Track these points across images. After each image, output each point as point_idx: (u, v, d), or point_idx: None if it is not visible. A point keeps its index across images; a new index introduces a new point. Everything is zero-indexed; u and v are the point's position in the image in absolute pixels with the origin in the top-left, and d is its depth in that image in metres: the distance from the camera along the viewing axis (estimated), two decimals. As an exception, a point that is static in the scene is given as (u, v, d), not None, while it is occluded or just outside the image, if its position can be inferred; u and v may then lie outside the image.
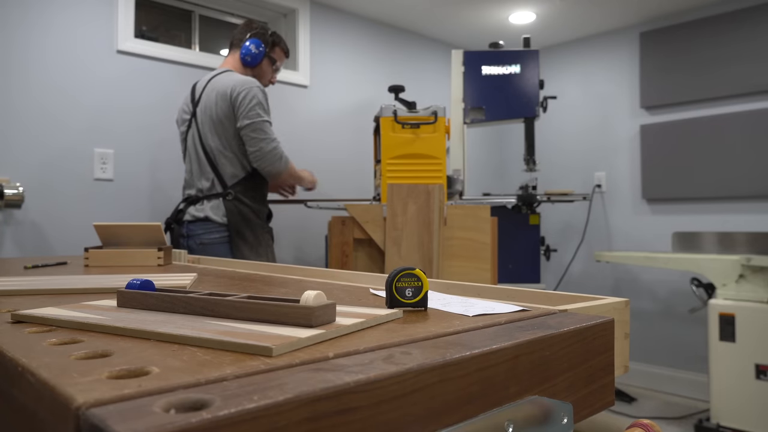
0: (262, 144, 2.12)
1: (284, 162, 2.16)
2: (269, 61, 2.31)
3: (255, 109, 2.10)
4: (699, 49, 3.29)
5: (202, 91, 2.20)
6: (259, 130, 2.11)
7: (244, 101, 2.10)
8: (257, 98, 2.11)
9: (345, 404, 0.31)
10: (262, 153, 2.12)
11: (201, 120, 2.16)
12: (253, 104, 2.10)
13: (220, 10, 3.06)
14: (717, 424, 2.48)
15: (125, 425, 0.24)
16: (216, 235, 2.13)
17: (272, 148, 2.13)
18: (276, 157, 2.14)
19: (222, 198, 2.14)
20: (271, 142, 2.13)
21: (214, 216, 2.12)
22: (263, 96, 2.14)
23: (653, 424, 0.50)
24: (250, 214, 2.16)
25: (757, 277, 2.44)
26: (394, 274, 0.56)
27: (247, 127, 2.10)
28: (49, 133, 2.30)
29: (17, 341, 0.42)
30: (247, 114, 2.10)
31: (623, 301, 0.64)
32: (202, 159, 2.17)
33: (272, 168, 2.15)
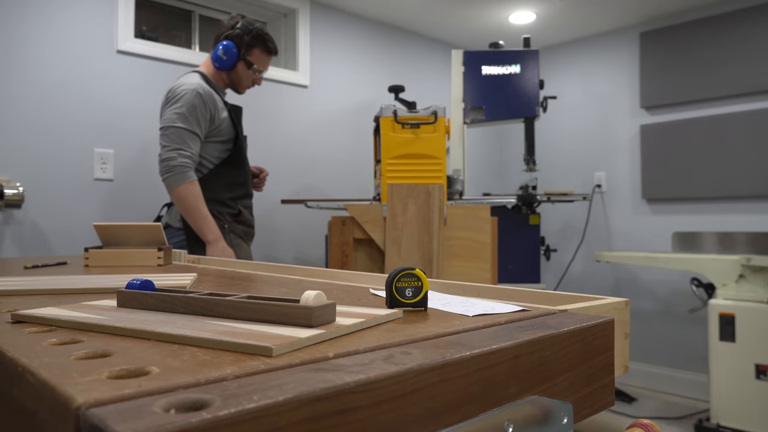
0: (161, 152, 1.95)
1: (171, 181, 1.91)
2: (245, 64, 2.14)
3: (172, 113, 1.95)
4: (699, 49, 3.29)
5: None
6: (164, 135, 1.95)
7: (168, 104, 1.99)
8: (180, 102, 1.95)
9: (345, 404, 0.31)
10: (159, 162, 1.95)
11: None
12: (173, 108, 1.95)
13: (220, 10, 3.05)
14: (717, 424, 2.48)
15: (125, 425, 0.24)
16: (176, 239, 2.04)
17: (165, 158, 1.92)
18: (162, 170, 1.93)
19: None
20: (170, 151, 1.92)
21: (171, 221, 2.07)
22: (193, 100, 1.96)
23: (653, 424, 0.50)
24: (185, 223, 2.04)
25: (757, 277, 2.44)
26: (394, 274, 0.56)
27: (160, 132, 1.98)
28: (49, 133, 2.30)
29: (17, 341, 0.42)
30: (163, 118, 1.98)
31: (623, 301, 0.64)
32: None
33: (163, 180, 1.95)
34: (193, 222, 1.95)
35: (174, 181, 1.91)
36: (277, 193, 3.02)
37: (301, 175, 3.14)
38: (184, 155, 1.93)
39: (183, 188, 1.92)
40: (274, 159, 3.02)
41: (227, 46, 2.09)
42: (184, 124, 1.94)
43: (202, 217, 1.95)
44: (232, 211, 2.12)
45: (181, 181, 1.91)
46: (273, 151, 3.01)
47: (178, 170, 1.91)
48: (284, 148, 3.06)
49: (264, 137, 2.98)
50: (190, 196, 1.92)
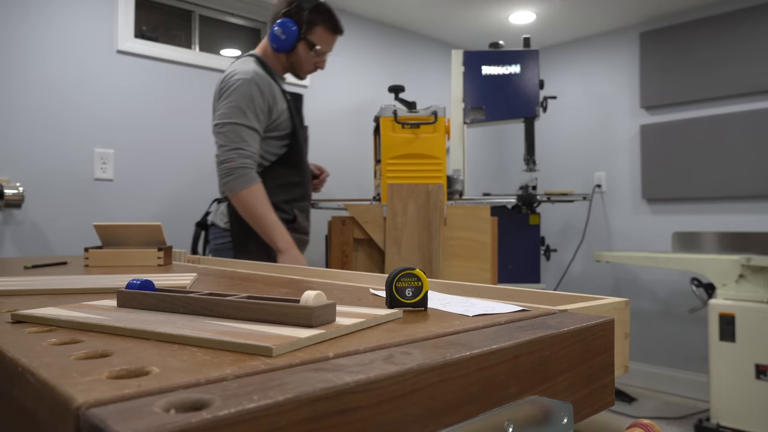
0: (217, 153, 1.75)
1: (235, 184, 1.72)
2: (306, 45, 1.90)
3: (227, 107, 1.75)
4: (699, 49, 3.29)
5: None
6: (219, 133, 1.75)
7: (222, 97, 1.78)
8: (236, 94, 1.74)
9: (345, 404, 0.31)
10: (216, 164, 1.75)
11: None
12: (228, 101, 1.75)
13: (220, 10, 3.05)
14: (717, 424, 2.48)
15: (125, 425, 0.24)
16: (221, 241, 1.90)
17: (224, 159, 1.73)
18: (222, 173, 1.74)
19: (227, 201, 1.87)
20: (228, 151, 1.72)
21: (219, 221, 1.90)
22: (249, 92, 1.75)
23: (653, 424, 0.50)
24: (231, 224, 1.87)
25: (757, 277, 2.44)
26: (394, 274, 0.56)
27: (213, 130, 1.79)
28: (49, 133, 2.30)
29: (17, 341, 0.42)
30: (216, 114, 1.79)
31: (623, 301, 0.64)
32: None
33: (222, 184, 1.75)
34: (261, 229, 1.75)
35: (236, 186, 1.71)
36: (277, 193, 3.02)
37: (301, 175, 3.13)
38: (244, 155, 1.73)
39: (247, 193, 1.71)
40: (274, 159, 3.01)
41: (285, 24, 1.85)
42: (241, 119, 1.74)
43: (270, 224, 1.74)
44: (287, 216, 1.91)
45: (244, 184, 1.71)
46: (273, 151, 3.01)
47: (240, 173, 1.71)
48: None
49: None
50: (255, 201, 1.72)
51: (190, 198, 2.69)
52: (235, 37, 3.19)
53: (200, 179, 2.73)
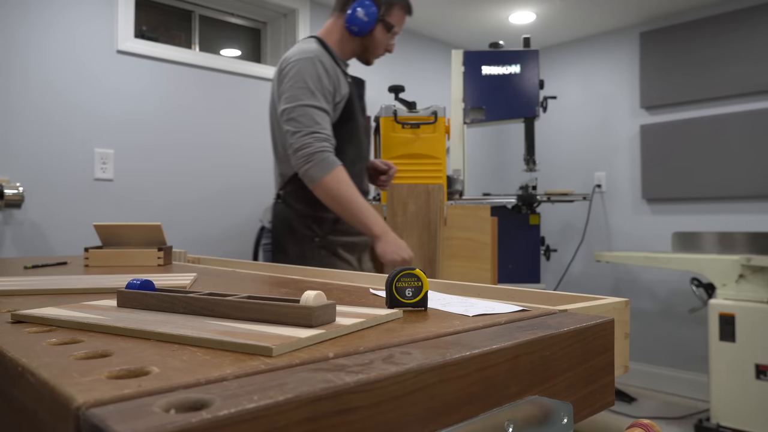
0: (291, 140, 1.58)
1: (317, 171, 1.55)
2: (384, 27, 1.77)
3: (293, 89, 1.59)
4: (699, 49, 3.29)
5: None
6: (290, 119, 1.59)
7: (286, 78, 1.62)
8: (301, 74, 1.59)
9: (345, 404, 0.31)
10: (291, 152, 1.59)
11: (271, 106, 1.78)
12: (293, 83, 1.60)
13: (220, 10, 3.06)
14: (717, 424, 2.48)
15: (125, 425, 0.24)
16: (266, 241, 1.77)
17: (299, 145, 1.56)
18: (299, 161, 1.57)
19: (278, 200, 1.74)
20: (303, 136, 1.56)
21: (265, 222, 1.78)
22: (315, 70, 1.60)
23: (653, 424, 0.50)
24: (297, 222, 1.68)
25: (757, 277, 2.44)
26: (394, 274, 0.56)
27: (282, 116, 1.62)
28: (49, 133, 2.30)
29: (17, 341, 0.42)
30: (284, 97, 1.62)
31: (623, 301, 0.64)
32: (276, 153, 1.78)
33: (302, 174, 1.59)
34: (351, 216, 1.57)
35: (317, 173, 1.55)
36: (277, 193, 3.02)
37: (301, 175, 3.13)
38: (320, 138, 1.56)
39: (330, 178, 1.54)
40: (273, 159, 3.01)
41: (367, 6, 1.71)
42: (311, 100, 1.59)
43: (362, 209, 1.56)
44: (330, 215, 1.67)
45: (325, 170, 1.54)
46: (273, 151, 3.01)
47: (318, 157, 1.55)
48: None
49: (264, 137, 2.98)
50: (340, 185, 1.55)
51: (190, 198, 2.69)
52: (235, 37, 3.19)
53: (200, 179, 2.73)
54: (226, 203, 2.81)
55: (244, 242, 2.88)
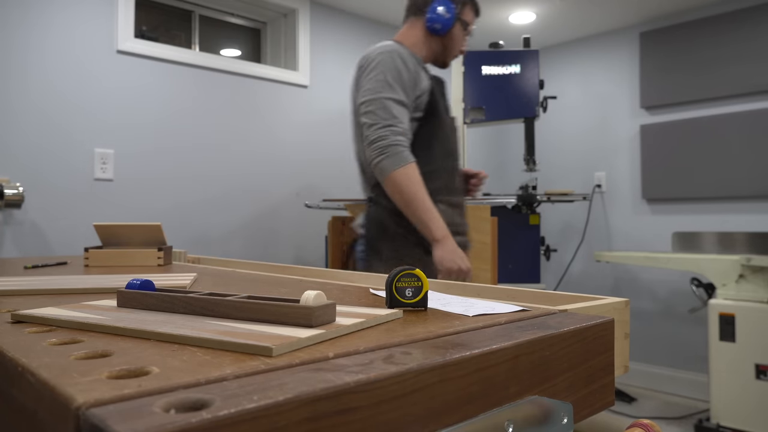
0: (367, 132, 1.55)
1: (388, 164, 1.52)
2: (461, 25, 1.76)
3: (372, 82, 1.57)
4: (699, 49, 3.29)
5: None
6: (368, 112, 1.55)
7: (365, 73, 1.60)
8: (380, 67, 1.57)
9: (345, 404, 0.31)
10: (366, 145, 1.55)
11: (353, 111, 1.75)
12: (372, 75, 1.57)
13: (220, 10, 3.06)
14: (717, 424, 2.48)
15: (125, 425, 0.24)
16: (359, 248, 1.71)
17: (375, 138, 1.53)
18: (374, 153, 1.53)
19: (369, 202, 1.69)
20: (379, 129, 1.53)
21: (359, 228, 1.73)
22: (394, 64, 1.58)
23: (653, 424, 0.50)
24: (389, 220, 1.61)
25: (757, 277, 2.44)
26: (394, 274, 0.56)
27: (359, 110, 1.59)
28: (49, 133, 2.30)
29: (17, 341, 0.42)
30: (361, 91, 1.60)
31: (623, 301, 0.64)
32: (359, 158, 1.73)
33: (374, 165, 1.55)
34: (414, 215, 1.54)
35: (388, 165, 1.51)
36: (276, 193, 3.02)
37: (301, 175, 3.14)
38: (396, 131, 1.54)
39: (400, 173, 1.51)
40: (273, 159, 3.02)
41: (447, 4, 1.70)
42: (390, 93, 1.56)
43: (426, 209, 1.52)
44: None
45: (397, 164, 1.51)
46: (273, 151, 3.01)
47: (393, 150, 1.51)
48: (284, 148, 3.06)
49: (264, 137, 2.98)
50: (409, 181, 1.51)
51: (190, 198, 2.69)
52: (235, 37, 3.19)
53: (200, 179, 2.73)
54: (226, 203, 2.81)
55: (245, 242, 2.88)
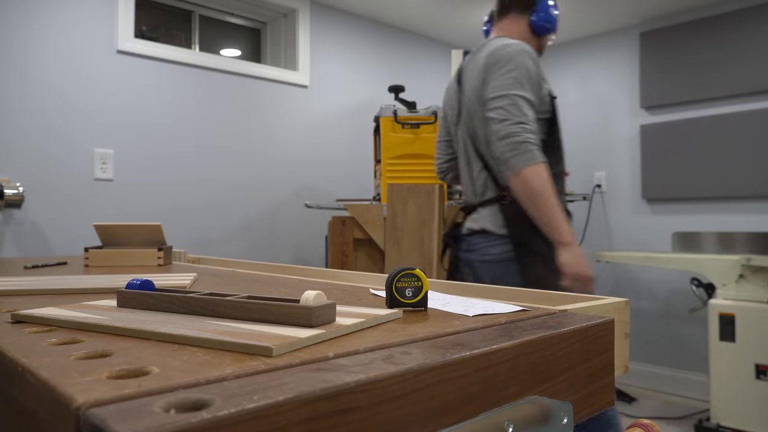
0: (497, 126, 1.51)
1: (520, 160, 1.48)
2: None
3: (502, 79, 1.54)
4: (699, 49, 3.29)
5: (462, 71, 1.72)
6: (497, 108, 1.52)
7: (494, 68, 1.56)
8: (512, 64, 1.54)
9: (345, 404, 0.31)
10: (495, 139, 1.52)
11: (467, 107, 1.67)
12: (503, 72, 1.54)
13: (220, 10, 3.06)
14: (717, 424, 2.48)
15: (125, 425, 0.24)
16: (498, 249, 1.62)
17: (507, 133, 1.49)
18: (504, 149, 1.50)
19: (498, 203, 1.63)
20: (511, 125, 1.50)
21: (492, 227, 1.63)
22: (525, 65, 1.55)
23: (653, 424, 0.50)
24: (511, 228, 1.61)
25: (757, 277, 2.44)
26: (394, 274, 0.56)
27: (487, 105, 1.56)
28: (49, 133, 2.30)
29: (17, 341, 0.42)
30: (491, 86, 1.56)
31: (623, 301, 0.64)
32: (472, 157, 1.69)
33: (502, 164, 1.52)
34: (543, 215, 1.50)
35: (519, 162, 1.48)
36: (276, 193, 3.02)
37: (301, 175, 3.14)
38: (527, 129, 1.50)
39: (532, 171, 1.48)
40: (273, 159, 3.02)
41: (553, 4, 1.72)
42: (521, 91, 1.53)
43: (555, 210, 1.49)
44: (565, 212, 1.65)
45: (529, 161, 1.48)
46: (273, 151, 3.01)
47: (524, 148, 1.48)
48: (284, 148, 3.07)
49: (264, 137, 2.98)
50: (540, 181, 1.48)
51: (190, 198, 2.69)
52: (235, 37, 3.19)
53: (201, 179, 2.73)
54: (226, 203, 2.82)
55: (245, 242, 2.88)
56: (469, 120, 1.67)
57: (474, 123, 1.65)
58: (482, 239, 1.64)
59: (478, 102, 1.62)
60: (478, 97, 1.62)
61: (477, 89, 1.62)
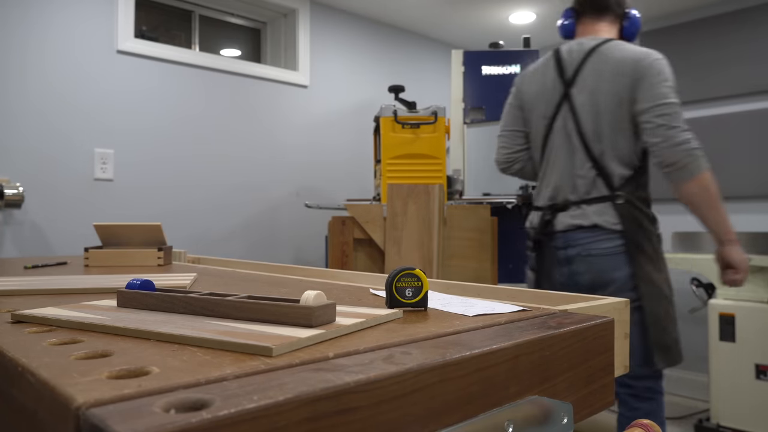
0: (669, 133, 1.58)
1: (697, 165, 1.58)
2: None
3: (662, 87, 1.60)
4: (699, 49, 3.29)
5: (579, 64, 1.70)
6: (667, 115, 1.59)
7: (649, 76, 1.61)
8: (665, 74, 1.62)
9: (345, 404, 0.31)
10: (669, 145, 1.59)
11: (580, 102, 1.68)
12: (660, 80, 1.61)
13: (220, 10, 3.06)
14: (717, 424, 2.48)
15: (125, 425, 0.24)
16: (608, 244, 1.67)
17: (682, 140, 1.58)
18: (685, 155, 1.58)
19: (611, 201, 1.68)
20: (682, 132, 1.58)
21: (605, 223, 1.67)
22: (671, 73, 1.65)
23: (653, 424, 0.50)
24: (645, 222, 1.68)
25: (757, 277, 2.44)
26: (394, 274, 0.56)
27: (651, 111, 1.60)
28: (49, 133, 2.30)
29: (17, 341, 0.42)
30: (652, 93, 1.61)
31: (623, 301, 0.64)
32: (577, 152, 1.69)
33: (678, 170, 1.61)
34: (715, 215, 1.62)
35: (697, 168, 1.58)
36: (276, 193, 3.02)
37: (301, 175, 3.14)
38: (695, 137, 1.60)
39: (707, 176, 1.59)
40: (273, 159, 3.02)
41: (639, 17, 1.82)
42: (677, 99, 1.62)
43: (724, 212, 1.62)
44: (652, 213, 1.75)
45: (705, 166, 1.58)
46: (273, 151, 3.01)
47: (699, 154, 1.58)
48: (284, 148, 3.07)
49: (264, 137, 2.98)
50: (712, 185, 1.59)
51: (190, 198, 2.69)
52: (235, 37, 3.19)
53: (201, 178, 2.73)
54: (226, 202, 2.82)
55: (245, 242, 2.88)
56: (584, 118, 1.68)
57: (602, 123, 1.66)
58: (589, 234, 1.69)
59: (616, 103, 1.64)
60: (620, 98, 1.64)
61: (620, 93, 1.64)
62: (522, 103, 1.83)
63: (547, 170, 1.77)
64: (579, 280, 1.69)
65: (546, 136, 1.76)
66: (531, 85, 1.80)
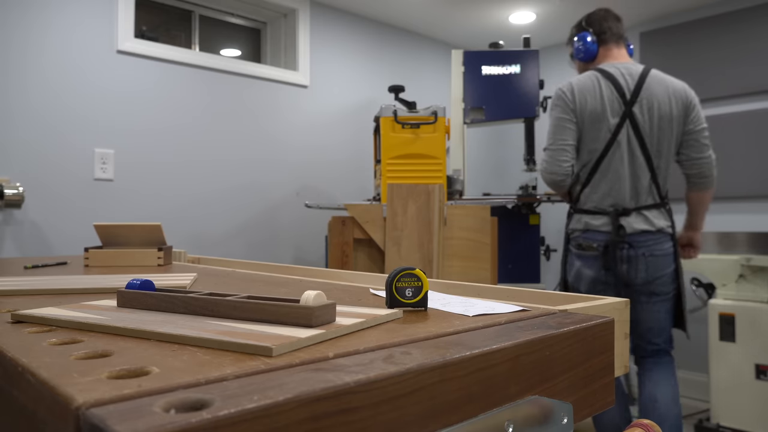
0: (710, 152, 2.02)
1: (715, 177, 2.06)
2: None
3: (702, 113, 2.03)
4: (699, 49, 3.29)
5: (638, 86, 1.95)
6: (708, 137, 2.02)
7: (696, 103, 2.01)
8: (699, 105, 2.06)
9: (345, 404, 0.31)
10: (708, 162, 2.01)
11: (643, 117, 1.94)
12: (700, 108, 2.03)
13: (220, 10, 3.06)
14: (717, 424, 2.48)
15: (125, 425, 0.24)
16: (667, 245, 1.97)
17: (714, 158, 2.04)
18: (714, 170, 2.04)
19: (663, 208, 2.00)
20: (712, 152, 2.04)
21: (665, 227, 1.98)
22: None
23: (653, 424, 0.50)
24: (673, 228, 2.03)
25: (757, 277, 2.44)
26: (394, 274, 0.56)
27: (700, 132, 1.99)
28: (49, 133, 2.30)
29: (17, 341, 0.42)
30: (699, 118, 2.00)
31: (623, 301, 0.64)
32: (641, 166, 1.96)
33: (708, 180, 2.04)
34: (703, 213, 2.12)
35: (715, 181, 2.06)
36: (276, 193, 3.02)
37: (301, 175, 3.14)
38: None
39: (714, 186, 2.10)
40: (273, 159, 3.02)
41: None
42: None
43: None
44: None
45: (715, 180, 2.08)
46: (273, 151, 3.01)
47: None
48: (284, 148, 3.07)
49: (264, 137, 2.98)
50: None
51: (190, 198, 2.69)
52: (235, 37, 3.19)
53: (201, 178, 2.73)
54: (226, 203, 2.82)
55: (245, 242, 2.88)
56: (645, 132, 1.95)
57: (661, 138, 1.96)
58: (651, 237, 1.95)
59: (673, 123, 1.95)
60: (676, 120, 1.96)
61: (674, 114, 1.96)
62: (578, 119, 2.00)
63: (601, 179, 1.99)
64: (635, 275, 1.94)
65: (607, 149, 1.96)
66: (586, 102, 1.98)
